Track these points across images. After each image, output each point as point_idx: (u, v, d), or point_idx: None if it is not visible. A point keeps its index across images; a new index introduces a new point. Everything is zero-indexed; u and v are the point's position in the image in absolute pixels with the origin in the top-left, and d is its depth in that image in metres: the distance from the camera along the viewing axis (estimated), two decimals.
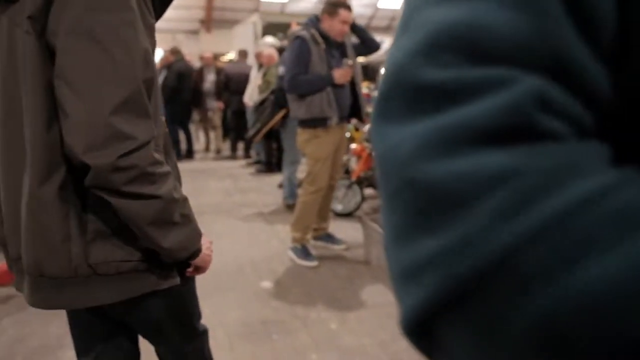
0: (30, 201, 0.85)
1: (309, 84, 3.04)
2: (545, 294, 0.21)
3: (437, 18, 0.27)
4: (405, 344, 2.30)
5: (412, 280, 0.25)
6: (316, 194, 3.25)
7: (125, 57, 0.81)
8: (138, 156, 0.81)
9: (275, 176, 6.03)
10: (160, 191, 0.86)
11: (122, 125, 0.79)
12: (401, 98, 0.27)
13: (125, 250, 0.91)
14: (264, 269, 3.18)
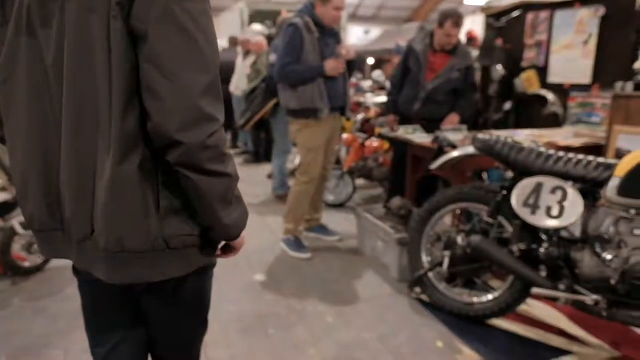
0: (112, 180, 0.89)
1: (298, 75, 2.96)
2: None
3: None
4: (406, 338, 2.27)
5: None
6: (309, 185, 3.19)
7: (207, 44, 0.87)
8: (219, 136, 0.89)
9: (264, 166, 5.94)
10: (229, 169, 0.93)
11: (208, 107, 0.86)
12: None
13: (190, 225, 0.97)
14: (257, 262, 3.11)
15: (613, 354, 2.14)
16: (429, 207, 2.52)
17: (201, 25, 0.86)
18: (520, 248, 2.13)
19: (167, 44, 0.83)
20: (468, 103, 3.53)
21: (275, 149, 4.56)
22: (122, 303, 1.14)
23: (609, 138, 3.06)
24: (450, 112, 3.49)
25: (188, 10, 0.84)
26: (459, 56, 3.39)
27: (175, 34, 0.83)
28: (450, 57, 3.39)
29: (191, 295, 1.13)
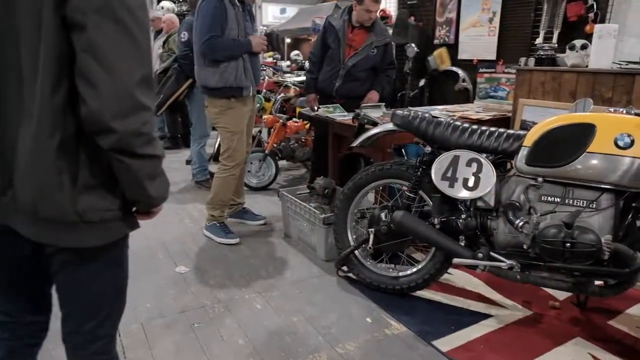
0: (32, 152, 0.94)
1: (227, 49, 2.79)
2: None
3: None
4: (336, 317, 2.26)
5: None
6: (235, 169, 3.07)
7: (143, 36, 0.93)
8: (151, 124, 0.97)
9: (182, 152, 5.67)
10: (159, 151, 1.01)
11: (142, 97, 0.93)
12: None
13: (109, 200, 1.02)
14: (178, 253, 2.96)
15: (526, 313, 2.29)
16: (352, 186, 2.52)
17: (138, 18, 0.91)
18: (440, 220, 2.20)
19: (105, 36, 0.88)
20: (387, 80, 3.57)
21: (193, 133, 4.34)
22: (30, 259, 1.14)
23: (515, 110, 3.25)
24: (370, 90, 3.51)
25: (126, 2, 0.89)
26: (376, 33, 3.40)
27: (113, 26, 0.88)
28: (369, 34, 3.39)
29: (108, 263, 1.14)
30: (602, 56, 2.77)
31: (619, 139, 1.84)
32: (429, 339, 2.07)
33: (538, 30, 3.59)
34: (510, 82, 4.27)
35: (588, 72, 2.80)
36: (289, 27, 11.30)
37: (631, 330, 2.15)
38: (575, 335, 2.11)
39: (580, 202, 1.91)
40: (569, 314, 2.28)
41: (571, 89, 2.88)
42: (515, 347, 2.02)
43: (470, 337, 2.09)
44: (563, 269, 1.91)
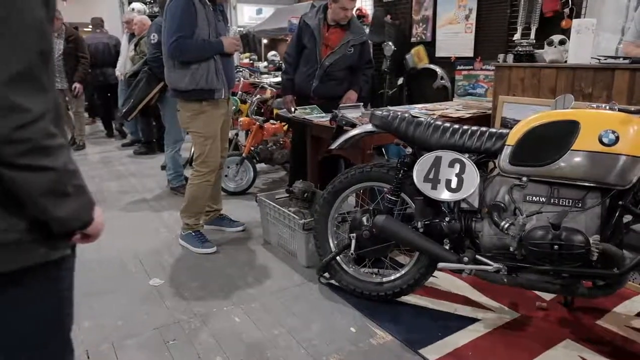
0: None
1: (197, 50, 2.67)
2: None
3: None
4: (319, 328, 2.17)
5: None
6: (210, 175, 2.95)
7: (21, 26, 0.80)
8: (35, 129, 0.82)
9: (156, 157, 5.51)
10: (56, 163, 0.86)
11: (17, 96, 0.79)
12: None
13: (7, 220, 0.89)
14: (152, 265, 2.82)
15: (513, 315, 2.23)
16: (332, 190, 2.43)
17: (16, 6, 0.79)
18: (423, 223, 2.12)
19: None
20: (365, 79, 3.49)
21: (166, 138, 4.20)
22: None
23: (495, 108, 3.20)
24: (348, 89, 3.43)
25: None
26: (353, 31, 3.32)
27: None
28: (345, 32, 3.30)
29: (23, 294, 0.97)
30: (581, 51, 2.74)
31: (604, 135, 1.79)
32: (416, 348, 1.99)
33: (515, 26, 3.56)
34: (489, 79, 4.25)
35: (567, 67, 2.76)
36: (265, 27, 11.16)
37: (620, 329, 2.11)
38: (564, 337, 2.06)
39: (566, 201, 1.86)
40: (556, 315, 2.23)
41: (551, 85, 2.85)
42: (504, 353, 1.96)
43: (457, 344, 2.02)
44: (551, 271, 1.85)
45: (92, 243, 1.08)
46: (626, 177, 1.76)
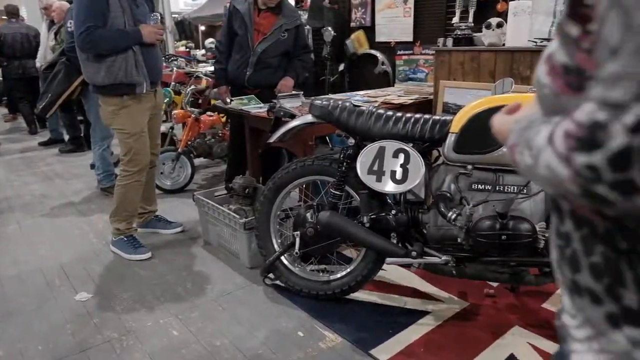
0: None
1: (110, 42, 2.41)
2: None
3: None
4: (264, 335, 2.03)
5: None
6: (139, 175, 2.71)
7: None
8: None
9: (85, 155, 5.11)
10: None
11: None
12: None
13: None
14: (79, 276, 2.56)
15: (462, 305, 2.20)
16: (272, 186, 2.28)
17: None
18: (369, 218, 2.03)
19: None
20: (302, 65, 3.34)
21: (93, 135, 3.87)
22: None
23: (436, 93, 3.16)
24: (284, 77, 3.27)
25: None
26: (285, 15, 3.15)
27: None
28: (277, 17, 3.13)
29: None
30: (518, 34, 2.73)
31: None
32: (367, 349, 1.91)
33: (453, 10, 3.52)
34: (429, 64, 4.22)
35: (505, 50, 2.75)
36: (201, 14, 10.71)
37: None
38: (513, 324, 2.04)
39: (512, 188, 1.82)
40: (504, 301, 2.22)
41: (490, 68, 2.83)
42: (456, 346, 1.91)
43: (409, 340, 1.95)
44: (499, 261, 1.81)
45: (8, 255, 0.88)
46: None
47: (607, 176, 0.41)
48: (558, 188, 0.47)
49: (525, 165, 0.51)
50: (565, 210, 0.57)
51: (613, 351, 0.53)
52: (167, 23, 8.85)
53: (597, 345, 0.55)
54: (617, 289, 0.51)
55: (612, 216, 0.49)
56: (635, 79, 0.39)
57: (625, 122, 0.39)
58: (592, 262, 0.53)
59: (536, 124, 0.53)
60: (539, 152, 0.47)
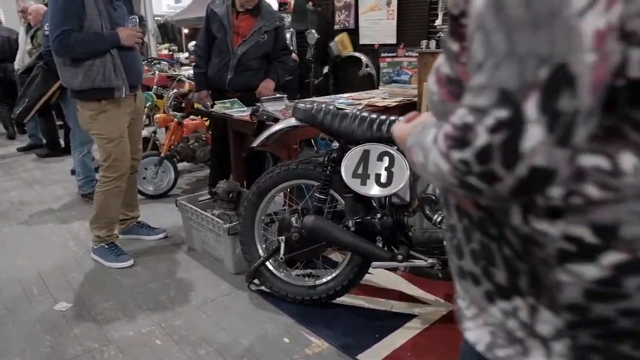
0: None
1: (87, 45, 2.36)
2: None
3: None
4: (249, 342, 2.00)
5: None
6: (119, 181, 2.65)
7: None
8: None
9: (65, 160, 5.00)
10: None
11: None
12: None
13: None
14: (59, 285, 2.50)
15: (449, 307, 2.19)
16: (256, 191, 2.25)
17: None
18: (355, 222, 2.01)
19: None
20: (282, 67, 3.31)
21: (73, 140, 3.79)
22: None
23: (420, 95, 3.17)
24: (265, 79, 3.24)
25: None
26: (264, 17, 3.12)
27: None
28: (256, 18, 3.10)
29: None
30: None
31: None
32: (353, 354, 1.89)
33: (436, 12, 3.54)
34: (412, 66, 4.23)
35: None
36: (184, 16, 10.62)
37: None
38: None
39: None
40: None
41: None
42: (443, 349, 1.90)
43: (396, 345, 1.94)
44: None
45: None
46: None
47: (476, 168, 0.48)
48: (443, 181, 0.54)
49: (419, 164, 0.58)
50: (451, 205, 0.64)
51: (492, 324, 0.61)
52: (150, 26, 8.76)
53: (481, 320, 0.63)
54: (490, 269, 0.60)
55: (485, 207, 0.58)
56: (494, 89, 0.46)
57: (486, 124, 0.47)
58: (471, 248, 0.61)
59: (428, 127, 0.60)
60: (428, 151, 0.54)
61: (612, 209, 0.50)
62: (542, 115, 0.45)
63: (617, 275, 0.51)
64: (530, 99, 0.45)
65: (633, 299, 0.51)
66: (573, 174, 0.50)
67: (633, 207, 0.50)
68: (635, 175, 0.49)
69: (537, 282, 0.55)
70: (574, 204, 0.51)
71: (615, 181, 0.50)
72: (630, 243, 0.50)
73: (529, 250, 0.54)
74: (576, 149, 0.47)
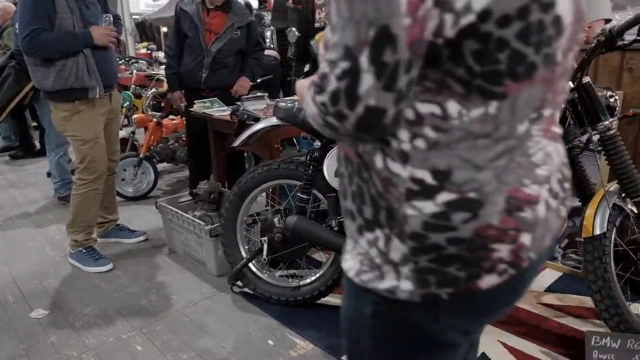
0: None
1: (58, 44, 2.29)
2: None
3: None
4: (233, 345, 1.97)
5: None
6: (95, 183, 2.58)
7: None
8: None
9: (41, 162, 4.88)
10: None
11: None
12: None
13: None
14: (35, 292, 2.43)
15: None
16: (238, 191, 2.22)
17: None
18: (338, 221, 1.99)
19: None
20: (256, 63, 3.26)
21: (48, 141, 3.69)
22: None
23: None
24: (240, 77, 3.19)
25: None
26: (236, 13, 3.07)
27: None
28: (227, 15, 3.05)
29: None
30: None
31: None
32: (339, 355, 1.87)
33: None
34: None
35: None
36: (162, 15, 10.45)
37: (533, 307, 2.15)
38: None
39: None
40: None
41: None
42: None
43: None
44: None
45: None
46: None
47: (331, 109, 0.59)
48: (316, 122, 0.64)
49: (305, 111, 0.66)
50: (341, 156, 0.75)
51: (360, 253, 0.72)
52: (127, 24, 8.60)
53: (355, 251, 0.73)
54: (362, 207, 0.71)
55: (361, 154, 0.68)
56: (341, 46, 0.57)
57: (335, 73, 0.58)
58: (352, 190, 0.72)
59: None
60: (308, 99, 0.63)
61: (446, 155, 0.63)
62: (372, 65, 0.56)
63: (447, 211, 0.63)
64: (363, 53, 0.56)
65: (458, 230, 0.63)
66: (414, 118, 0.62)
67: (461, 154, 0.63)
68: (459, 119, 0.62)
69: (391, 216, 0.66)
70: (418, 148, 0.63)
71: (445, 124, 0.62)
72: (459, 186, 0.63)
73: (387, 190, 0.66)
74: (401, 93, 0.58)
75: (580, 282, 2.25)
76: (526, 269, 0.68)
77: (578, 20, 0.65)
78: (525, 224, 0.65)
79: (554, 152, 0.71)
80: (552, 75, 0.64)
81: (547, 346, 1.90)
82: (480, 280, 0.65)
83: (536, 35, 0.59)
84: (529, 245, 0.66)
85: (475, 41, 0.57)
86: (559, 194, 0.71)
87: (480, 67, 0.59)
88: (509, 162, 0.64)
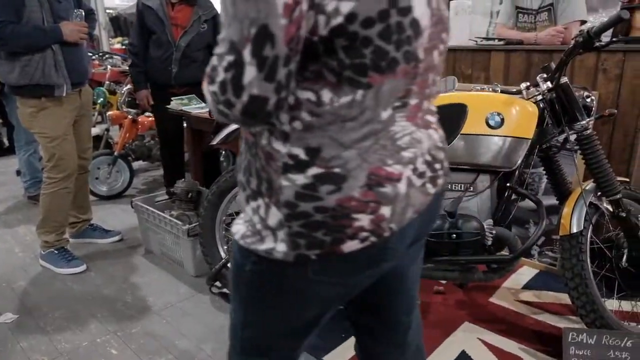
0: None
1: (24, 39, 2.20)
2: None
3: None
4: (212, 348, 1.92)
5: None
6: (65, 181, 2.50)
7: None
8: None
9: (9, 161, 4.72)
10: None
11: None
12: None
13: None
14: (4, 294, 2.33)
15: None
16: (217, 190, 2.18)
17: None
18: None
19: None
20: None
21: (17, 139, 3.56)
22: None
23: None
24: None
25: None
26: (201, 5, 3.01)
27: None
28: (192, 8, 2.99)
29: None
30: (459, 33, 2.78)
31: (490, 118, 1.77)
32: (320, 355, 1.85)
33: None
34: None
35: (449, 49, 2.78)
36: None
37: (511, 304, 2.18)
38: (463, 320, 2.07)
39: (459, 186, 1.83)
40: (453, 298, 2.24)
41: None
42: None
43: None
44: (449, 260, 1.81)
45: None
46: (512, 158, 1.76)
47: (221, 98, 0.66)
48: (213, 110, 0.69)
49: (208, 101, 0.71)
50: (242, 137, 0.83)
51: (246, 220, 0.81)
52: (101, 19, 8.40)
53: (242, 219, 0.83)
54: (250, 179, 0.79)
55: (253, 134, 0.76)
56: (227, 41, 0.63)
57: (223, 65, 0.64)
58: (244, 165, 0.81)
59: None
60: (204, 89, 0.69)
61: (319, 135, 0.71)
62: (253, 59, 0.62)
63: (315, 183, 0.72)
64: (246, 48, 0.62)
65: (324, 200, 0.72)
66: (294, 103, 0.70)
67: (331, 134, 0.71)
68: (330, 104, 0.70)
69: (270, 186, 0.75)
70: (296, 129, 0.71)
71: (319, 109, 0.70)
72: (326, 162, 0.72)
73: (269, 163, 0.75)
74: (281, 84, 0.65)
75: (557, 280, 2.30)
76: (388, 238, 0.76)
77: (437, 22, 0.74)
78: (385, 198, 0.74)
79: (425, 137, 0.81)
80: (414, 70, 0.73)
81: (525, 343, 1.92)
82: (343, 245, 0.74)
83: (396, 35, 0.67)
84: (388, 217, 0.75)
85: (345, 39, 0.65)
86: (425, 172, 0.80)
87: (349, 60, 0.67)
88: (373, 143, 0.73)
